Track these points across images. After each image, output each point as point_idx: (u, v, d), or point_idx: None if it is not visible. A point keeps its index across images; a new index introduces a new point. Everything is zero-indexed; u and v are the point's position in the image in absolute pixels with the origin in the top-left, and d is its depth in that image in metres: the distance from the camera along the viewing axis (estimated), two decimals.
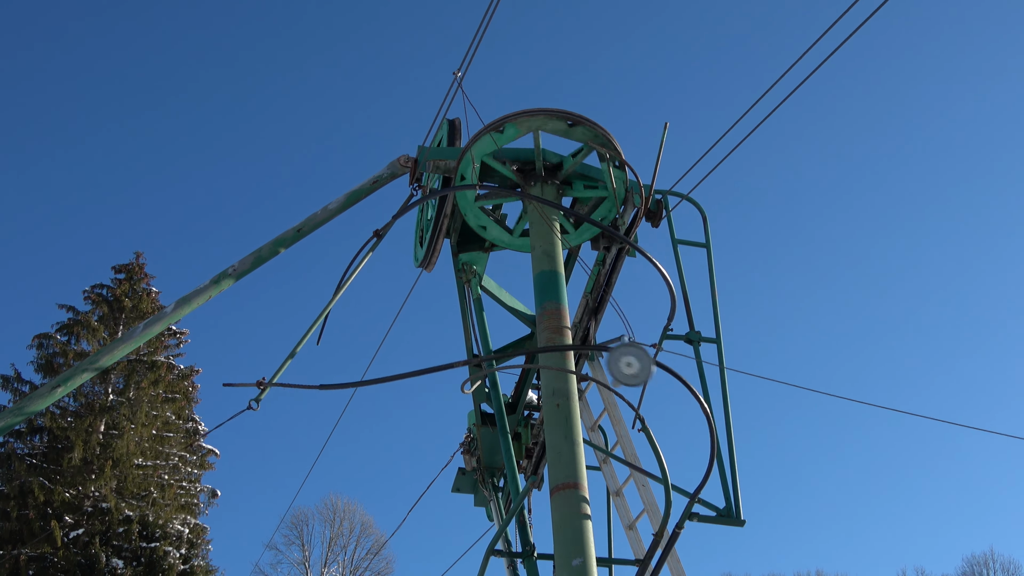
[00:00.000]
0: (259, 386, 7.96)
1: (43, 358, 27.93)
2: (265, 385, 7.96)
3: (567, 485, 7.14)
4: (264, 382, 7.97)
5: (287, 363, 8.36)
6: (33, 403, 8.31)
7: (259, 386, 7.96)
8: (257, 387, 7.95)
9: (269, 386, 7.96)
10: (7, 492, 25.35)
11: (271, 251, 8.85)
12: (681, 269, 8.91)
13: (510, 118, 8.66)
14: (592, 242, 9.46)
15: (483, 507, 11.57)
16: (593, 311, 9.71)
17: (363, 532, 49.13)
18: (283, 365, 8.34)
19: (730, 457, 8.01)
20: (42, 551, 24.42)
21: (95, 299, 29.37)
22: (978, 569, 55.91)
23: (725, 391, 8.35)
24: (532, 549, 8.27)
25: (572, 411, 7.59)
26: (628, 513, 10.03)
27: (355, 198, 9.14)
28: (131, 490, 26.77)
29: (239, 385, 7.85)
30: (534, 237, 8.75)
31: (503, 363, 10.19)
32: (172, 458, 28.43)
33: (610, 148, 8.74)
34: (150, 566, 25.06)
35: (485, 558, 7.50)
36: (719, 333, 8.69)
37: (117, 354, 8.40)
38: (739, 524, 7.87)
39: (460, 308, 9.89)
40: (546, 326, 8.17)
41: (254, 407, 8.03)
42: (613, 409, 10.27)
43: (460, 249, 9.79)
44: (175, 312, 8.47)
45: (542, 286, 8.40)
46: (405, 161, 9.14)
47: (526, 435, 10.83)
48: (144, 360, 28.50)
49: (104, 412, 27.37)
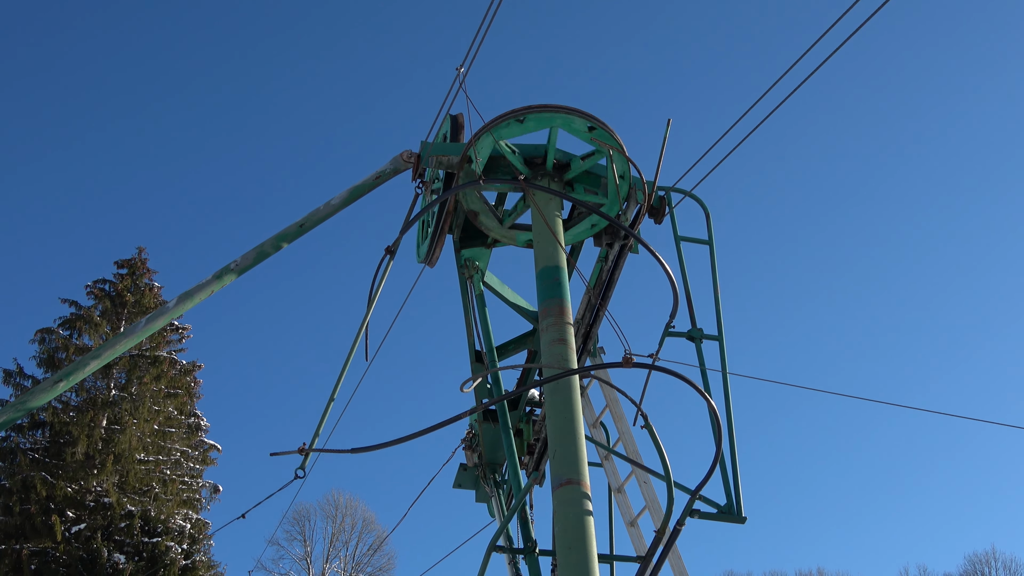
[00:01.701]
0: (301, 452, 8.41)
1: (45, 352, 27.96)
2: (307, 452, 8.42)
3: (569, 481, 7.13)
4: (305, 448, 8.43)
5: (323, 424, 8.73)
6: (35, 398, 8.30)
7: (301, 452, 8.41)
8: (300, 454, 8.40)
9: (310, 452, 8.46)
10: (9, 487, 25.38)
11: (273, 246, 8.84)
12: (684, 266, 8.90)
13: (533, 109, 8.58)
14: (595, 238, 9.44)
15: (484, 503, 11.56)
16: (595, 308, 9.69)
17: (365, 528, 49.24)
18: (319, 427, 8.70)
19: (731, 454, 8.00)
20: (44, 546, 24.46)
21: (97, 294, 29.39)
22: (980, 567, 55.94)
23: (727, 388, 8.34)
24: (534, 545, 8.26)
25: (574, 408, 7.58)
26: (630, 510, 10.03)
27: (357, 193, 9.12)
28: (133, 485, 26.80)
29: (283, 454, 8.34)
30: (536, 232, 8.72)
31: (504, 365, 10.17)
32: (174, 453, 28.46)
33: (619, 160, 8.70)
34: (152, 561, 25.08)
35: (487, 554, 7.49)
36: (721, 330, 8.67)
37: (119, 349, 8.39)
38: (740, 521, 7.87)
39: (462, 304, 9.88)
40: (548, 323, 8.15)
41: (301, 475, 8.57)
42: (615, 405, 10.26)
43: (462, 245, 9.77)
44: (177, 307, 8.46)
45: (544, 282, 8.38)
46: (408, 157, 9.12)
47: (528, 431, 10.81)
48: (146, 355, 28.52)
49: (106, 407, 27.39)
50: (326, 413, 8.83)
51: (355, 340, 9.04)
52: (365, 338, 9.07)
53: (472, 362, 10.14)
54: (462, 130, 9.31)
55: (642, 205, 8.96)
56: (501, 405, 9.20)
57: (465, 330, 10.00)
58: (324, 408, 8.84)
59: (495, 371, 9.42)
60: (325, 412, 8.83)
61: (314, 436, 8.66)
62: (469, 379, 7.69)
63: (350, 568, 48.07)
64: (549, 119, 8.63)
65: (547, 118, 8.62)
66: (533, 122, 8.64)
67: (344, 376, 9.00)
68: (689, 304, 8.71)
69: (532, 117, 8.61)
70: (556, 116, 8.60)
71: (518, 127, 8.66)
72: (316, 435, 8.67)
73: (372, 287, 9.08)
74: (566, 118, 8.59)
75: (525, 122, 8.62)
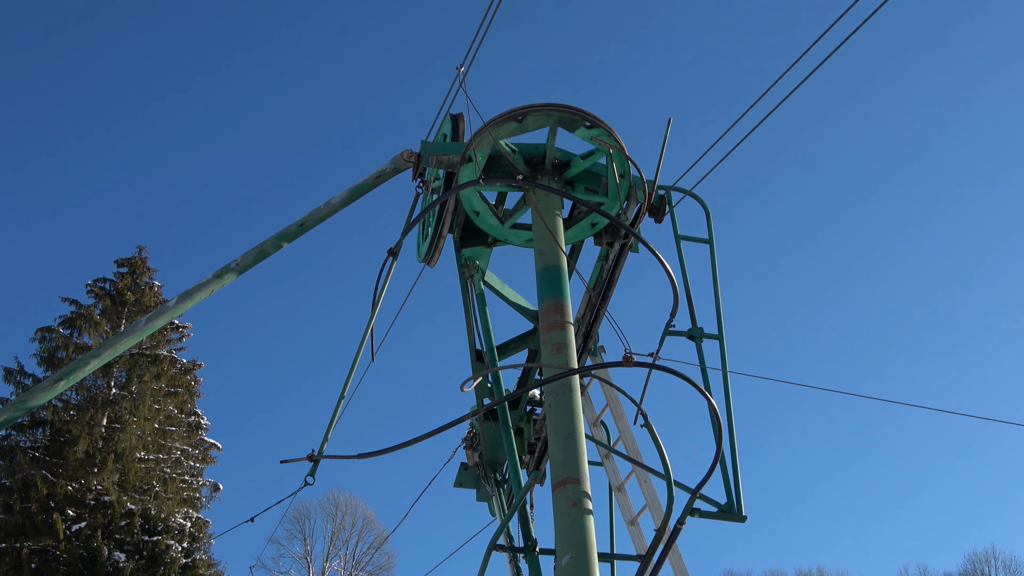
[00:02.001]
0: (310, 459, 8.51)
1: (45, 351, 27.96)
2: (316, 458, 8.53)
3: (569, 480, 7.13)
4: (314, 455, 8.53)
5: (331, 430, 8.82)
6: (35, 396, 8.30)
7: (310, 459, 8.51)
8: (309, 460, 8.51)
9: (320, 458, 8.56)
10: (10, 485, 25.39)
11: (274, 245, 8.84)
12: (684, 265, 8.89)
13: (532, 109, 8.56)
14: (595, 238, 9.43)
15: (485, 502, 11.57)
16: (596, 307, 9.69)
17: (365, 527, 49.24)
18: (327, 433, 8.78)
19: (732, 453, 8.00)
20: (44, 544, 24.46)
21: (98, 293, 29.38)
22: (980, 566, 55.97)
23: (727, 387, 8.34)
24: (534, 544, 8.26)
25: (574, 407, 7.58)
26: (630, 508, 10.03)
27: (358, 193, 9.12)
28: (133, 484, 26.80)
29: (293, 461, 8.45)
30: (536, 232, 8.72)
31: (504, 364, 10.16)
32: (174, 452, 28.47)
33: (619, 159, 8.69)
34: (152, 560, 25.10)
35: (487, 553, 7.49)
36: (721, 329, 8.67)
37: (119, 348, 8.40)
38: (740, 520, 7.87)
39: (463, 303, 9.88)
40: (548, 322, 8.16)
41: (310, 482, 8.67)
42: (615, 404, 10.26)
43: (463, 244, 9.76)
44: (177, 306, 8.47)
45: (544, 281, 8.37)
46: (408, 156, 9.12)
47: (528, 430, 10.81)
48: (147, 354, 28.52)
49: (107, 406, 27.40)
50: (334, 419, 8.89)
51: (360, 343, 9.06)
52: (371, 340, 9.10)
53: (472, 361, 10.14)
54: (462, 129, 9.30)
55: (642, 204, 8.95)
56: (502, 404, 9.20)
57: (466, 329, 10.00)
58: (332, 414, 8.92)
59: (496, 370, 9.42)
60: (333, 418, 8.89)
61: (323, 442, 8.72)
62: (469, 378, 7.68)
63: (350, 567, 48.09)
64: (547, 118, 8.62)
65: (545, 117, 8.61)
66: (532, 121, 8.63)
67: (351, 380, 9.03)
68: (689, 303, 8.71)
69: (531, 116, 8.60)
70: (553, 115, 8.59)
71: (517, 126, 8.65)
72: (325, 441, 8.74)
73: (376, 290, 9.09)
74: (563, 117, 8.58)
75: (524, 121, 8.61)
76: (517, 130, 8.70)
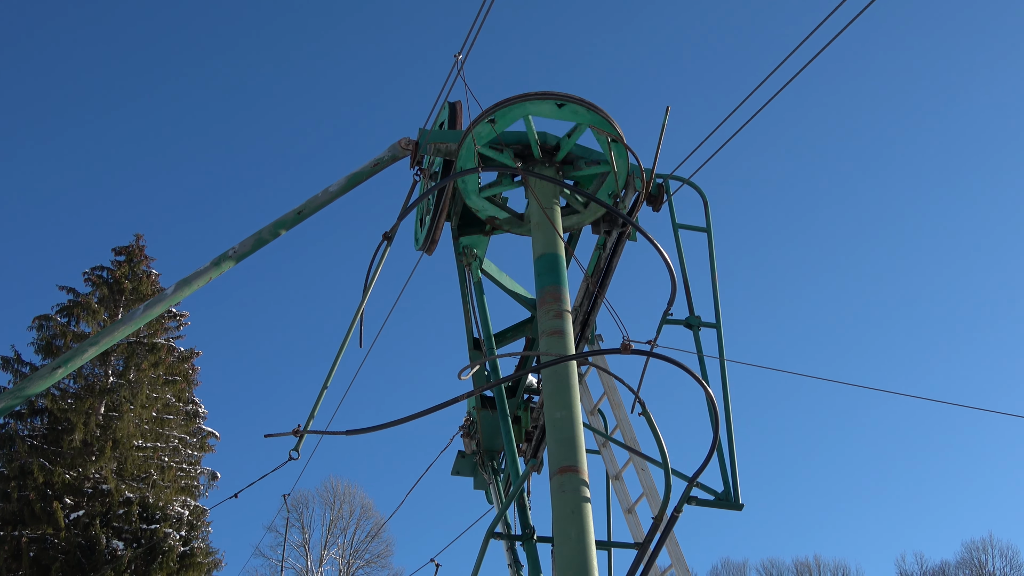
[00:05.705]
0: (296, 434, 8.46)
1: (43, 339, 27.92)
2: (301, 433, 8.48)
3: (567, 468, 7.14)
4: (300, 430, 8.48)
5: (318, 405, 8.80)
6: (33, 384, 8.30)
7: (296, 434, 8.46)
8: (294, 435, 8.46)
9: (305, 434, 8.52)
10: (8, 473, 25.39)
11: (271, 233, 8.84)
12: (682, 253, 8.89)
13: (501, 105, 8.51)
14: (593, 226, 9.42)
15: (482, 490, 11.59)
16: (593, 295, 9.69)
17: (363, 515, 49.34)
18: (314, 410, 8.76)
19: (729, 441, 8.02)
20: (43, 532, 24.49)
21: (95, 281, 29.34)
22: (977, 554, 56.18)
23: (724, 376, 8.35)
24: (532, 532, 8.28)
25: (572, 395, 7.59)
26: (627, 497, 10.06)
27: (356, 180, 9.11)
28: (131, 472, 26.82)
29: (278, 435, 8.38)
30: (534, 220, 8.71)
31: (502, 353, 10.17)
32: (172, 440, 28.47)
33: (605, 125, 8.62)
34: (150, 548, 25.13)
35: (485, 541, 7.51)
36: (719, 318, 8.68)
37: (117, 336, 8.39)
38: (737, 508, 7.89)
39: (460, 291, 9.88)
40: (546, 309, 8.16)
41: (295, 456, 8.64)
42: (613, 393, 10.28)
43: (461, 232, 9.76)
44: (175, 294, 8.47)
45: (542, 269, 8.37)
46: (406, 144, 9.11)
47: (526, 418, 10.83)
48: (144, 342, 28.50)
49: (104, 394, 27.39)
50: (321, 395, 8.86)
51: (351, 326, 9.06)
52: (360, 324, 9.08)
53: (470, 349, 10.15)
54: (460, 117, 9.28)
55: (640, 193, 8.95)
56: (499, 392, 9.21)
57: (463, 317, 10.01)
58: (319, 391, 8.87)
59: (493, 358, 9.43)
60: (320, 394, 8.86)
61: (309, 418, 8.70)
62: (467, 366, 7.68)
63: (348, 555, 48.20)
64: (518, 110, 8.52)
65: (515, 110, 8.51)
66: (504, 118, 8.56)
67: (340, 360, 9.02)
68: (687, 292, 8.71)
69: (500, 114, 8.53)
70: (524, 105, 8.48)
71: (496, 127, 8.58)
72: (311, 417, 8.70)
73: (368, 273, 9.08)
74: (534, 104, 8.47)
75: (497, 122, 8.55)
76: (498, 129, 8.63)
